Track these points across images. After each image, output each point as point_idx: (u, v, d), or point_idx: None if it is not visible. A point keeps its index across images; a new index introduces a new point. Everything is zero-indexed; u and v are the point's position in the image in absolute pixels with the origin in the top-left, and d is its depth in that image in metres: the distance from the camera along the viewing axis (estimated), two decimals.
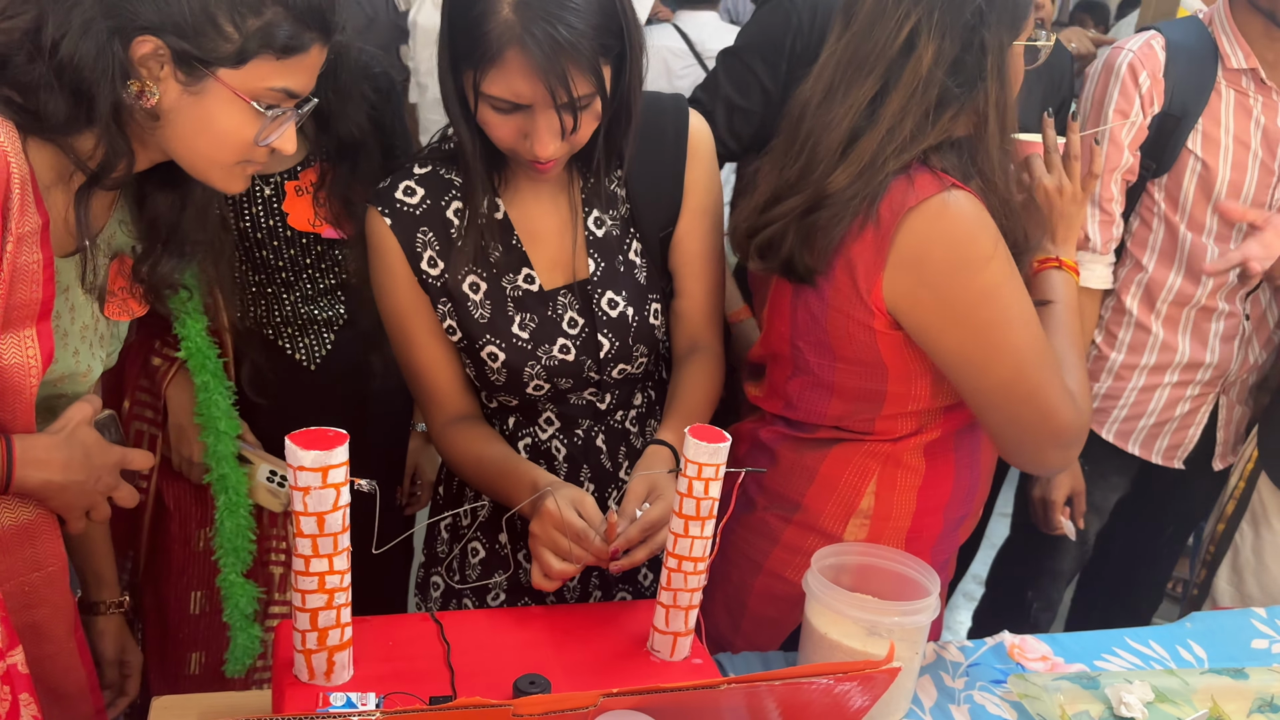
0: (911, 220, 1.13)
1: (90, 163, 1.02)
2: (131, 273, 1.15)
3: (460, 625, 1.15)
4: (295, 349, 1.54)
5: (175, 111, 1.01)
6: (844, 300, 1.20)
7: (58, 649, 1.12)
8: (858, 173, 1.16)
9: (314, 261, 1.50)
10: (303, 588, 0.95)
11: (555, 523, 1.14)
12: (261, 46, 1.00)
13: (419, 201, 1.27)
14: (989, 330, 1.16)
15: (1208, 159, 1.74)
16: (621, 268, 1.31)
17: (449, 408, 1.35)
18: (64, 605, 1.12)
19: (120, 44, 0.96)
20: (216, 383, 1.40)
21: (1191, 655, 1.37)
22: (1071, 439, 1.21)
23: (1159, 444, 1.92)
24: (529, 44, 1.08)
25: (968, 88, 1.16)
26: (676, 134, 1.31)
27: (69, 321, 1.10)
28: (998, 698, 1.25)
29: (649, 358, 1.35)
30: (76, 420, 1.08)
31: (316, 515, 0.91)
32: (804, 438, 1.31)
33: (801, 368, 1.28)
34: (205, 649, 1.58)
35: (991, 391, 1.19)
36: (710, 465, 1.05)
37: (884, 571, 1.22)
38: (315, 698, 0.97)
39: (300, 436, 0.90)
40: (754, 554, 1.33)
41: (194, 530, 1.57)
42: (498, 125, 1.16)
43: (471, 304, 1.29)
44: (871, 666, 0.88)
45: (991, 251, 1.15)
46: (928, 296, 1.16)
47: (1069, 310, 1.30)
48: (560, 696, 0.84)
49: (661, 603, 1.11)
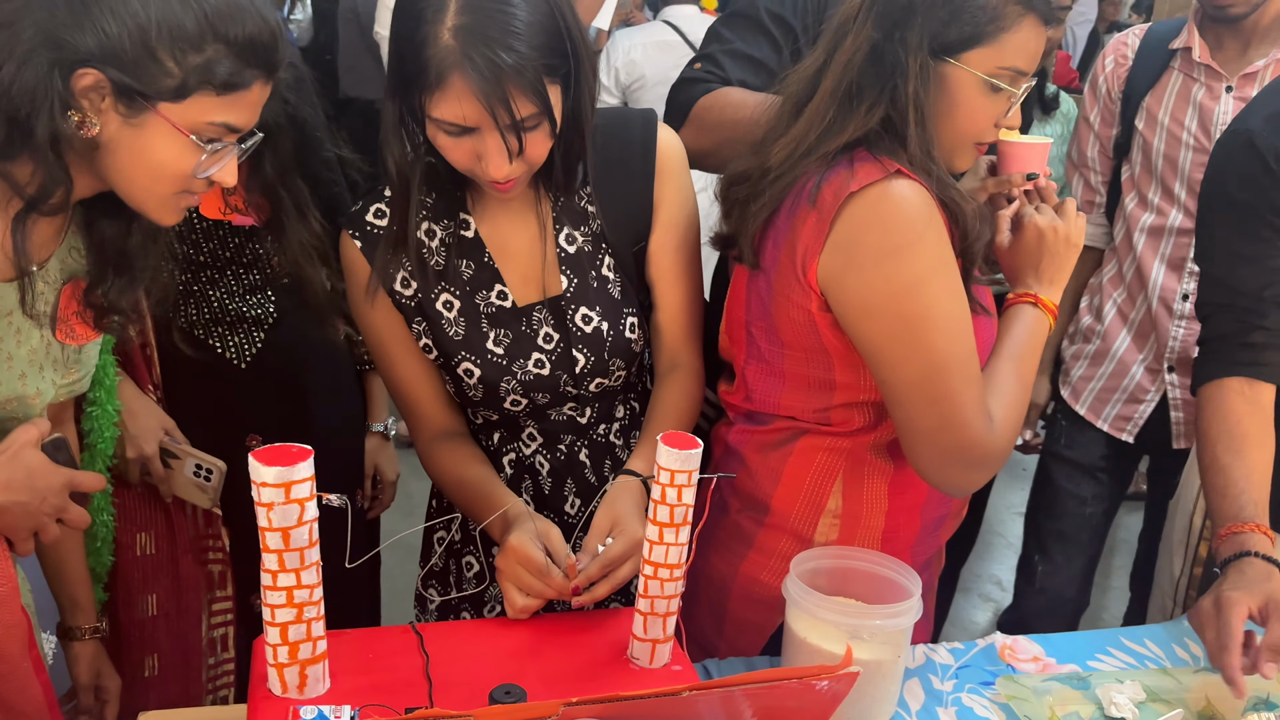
0: (852, 205, 1.13)
1: (27, 189, 1.03)
2: (84, 297, 1.16)
3: (442, 636, 1.15)
4: (225, 348, 1.56)
5: (115, 142, 1.02)
6: (785, 283, 1.20)
7: (11, 668, 1.12)
8: (789, 152, 1.18)
9: (234, 255, 1.51)
10: (271, 602, 0.96)
11: (519, 558, 1.15)
12: (202, 82, 1.01)
13: (388, 224, 1.29)
14: (907, 324, 1.14)
15: (1147, 134, 1.91)
16: (595, 283, 1.31)
17: (432, 424, 1.36)
18: (16, 625, 1.12)
19: (60, 76, 0.97)
20: (108, 397, 1.41)
21: (1187, 654, 1.35)
22: (978, 459, 1.17)
23: (1107, 411, 2.01)
24: (469, 68, 1.09)
25: (883, 81, 1.14)
26: (645, 149, 1.32)
27: (14, 345, 1.12)
28: (986, 700, 1.24)
29: (627, 371, 1.35)
30: (21, 442, 1.09)
31: (281, 530, 0.92)
32: (766, 436, 1.30)
33: (755, 354, 1.29)
34: (158, 651, 1.59)
35: (900, 386, 1.17)
36: (683, 472, 1.05)
37: (864, 574, 1.22)
38: (285, 711, 0.98)
39: (263, 453, 0.91)
40: (731, 558, 1.33)
41: (135, 534, 1.58)
42: (451, 148, 1.17)
43: (446, 322, 1.30)
44: (828, 671, 0.87)
45: (925, 243, 1.13)
46: (853, 280, 1.15)
47: (1027, 344, 1.24)
48: (522, 706, 0.85)
49: (640, 610, 1.11)
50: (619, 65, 3.38)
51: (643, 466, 1.25)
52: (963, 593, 3.10)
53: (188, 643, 1.61)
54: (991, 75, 1.16)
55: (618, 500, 1.21)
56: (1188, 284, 1.88)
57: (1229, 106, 1.82)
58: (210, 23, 1.00)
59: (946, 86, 1.16)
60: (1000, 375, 1.22)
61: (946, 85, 1.16)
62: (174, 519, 1.59)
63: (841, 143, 1.16)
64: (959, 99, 1.17)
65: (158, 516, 1.59)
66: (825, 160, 1.16)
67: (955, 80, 1.16)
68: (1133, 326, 1.97)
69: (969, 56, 1.15)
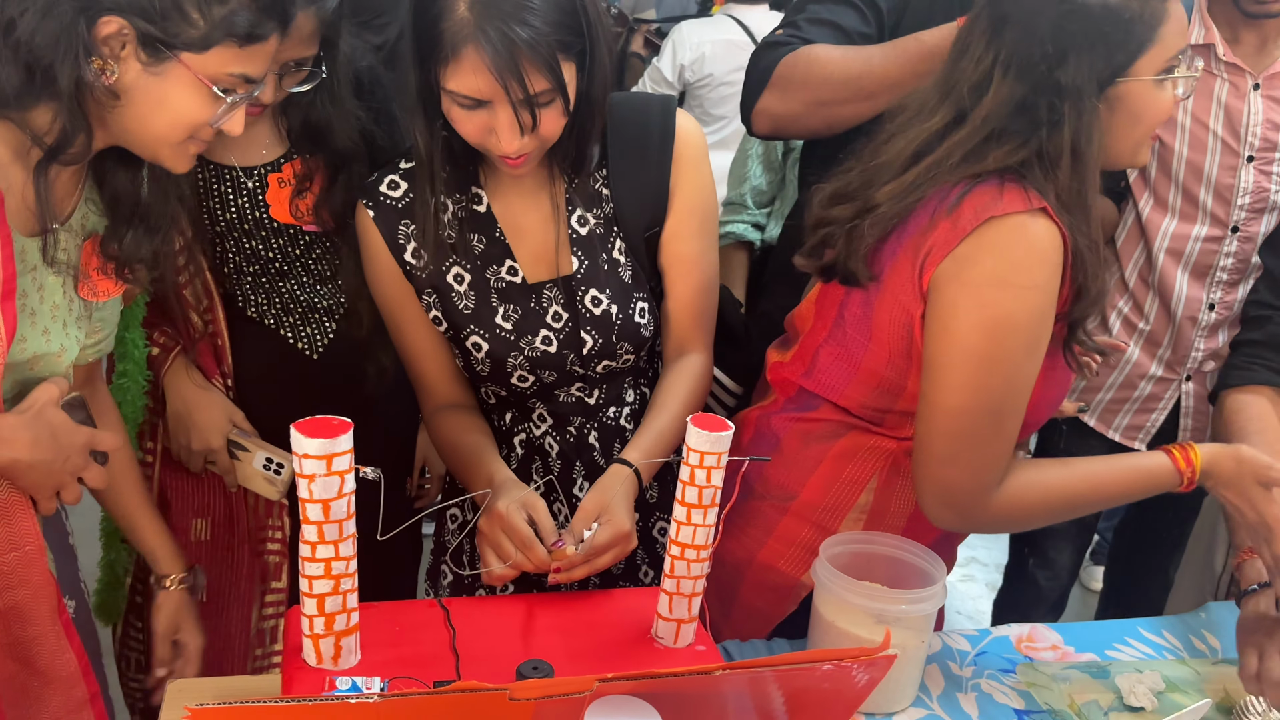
0: (990, 227, 1.11)
1: (46, 138, 1.04)
2: (101, 249, 1.17)
3: (466, 611, 1.16)
4: (298, 338, 1.56)
5: (134, 90, 1.04)
6: (898, 281, 1.19)
7: (41, 630, 1.13)
8: (900, 191, 1.16)
9: (304, 252, 1.51)
10: (310, 574, 0.97)
11: (504, 525, 1.16)
12: (225, 34, 1.03)
13: (402, 195, 1.30)
14: (974, 356, 1.13)
15: (1164, 136, 1.76)
16: (605, 266, 1.32)
17: (438, 395, 1.38)
18: (44, 585, 1.13)
19: (85, 23, 0.99)
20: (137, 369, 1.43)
21: (1205, 645, 1.36)
22: (962, 507, 1.17)
23: (1118, 421, 1.94)
24: (483, 41, 1.10)
25: (1033, 128, 1.12)
26: (663, 135, 1.31)
27: (37, 301, 1.12)
28: (1006, 686, 1.25)
29: (636, 355, 1.36)
30: (43, 400, 1.10)
31: (322, 502, 0.93)
32: (811, 426, 1.30)
33: (838, 336, 1.27)
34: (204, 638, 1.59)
35: (934, 405, 1.16)
36: (712, 454, 1.06)
37: (886, 559, 1.23)
38: (322, 682, 0.99)
39: (305, 425, 0.91)
40: (748, 543, 1.33)
41: (190, 519, 1.59)
42: (463, 120, 1.18)
43: (456, 295, 1.31)
44: (868, 654, 0.88)
45: (1032, 292, 1.12)
46: (952, 293, 1.14)
47: (1121, 473, 1.20)
48: (556, 681, 0.85)
49: (665, 590, 1.12)
50: (685, 61, 3.25)
51: (637, 456, 1.25)
52: (969, 581, 3.12)
53: (233, 631, 1.61)
54: (1162, 71, 1.14)
55: (608, 488, 1.21)
56: (1214, 293, 1.81)
57: (1258, 106, 1.74)
58: None
59: (1122, 104, 1.14)
60: (1067, 469, 1.20)
61: (1124, 104, 1.14)
62: (234, 508, 1.59)
63: (981, 170, 1.13)
64: (1139, 109, 1.15)
65: (217, 503, 1.59)
66: (972, 178, 1.14)
67: (1130, 94, 1.14)
68: (1142, 336, 1.89)
69: (1137, 67, 1.13)
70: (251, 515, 1.60)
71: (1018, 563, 2.24)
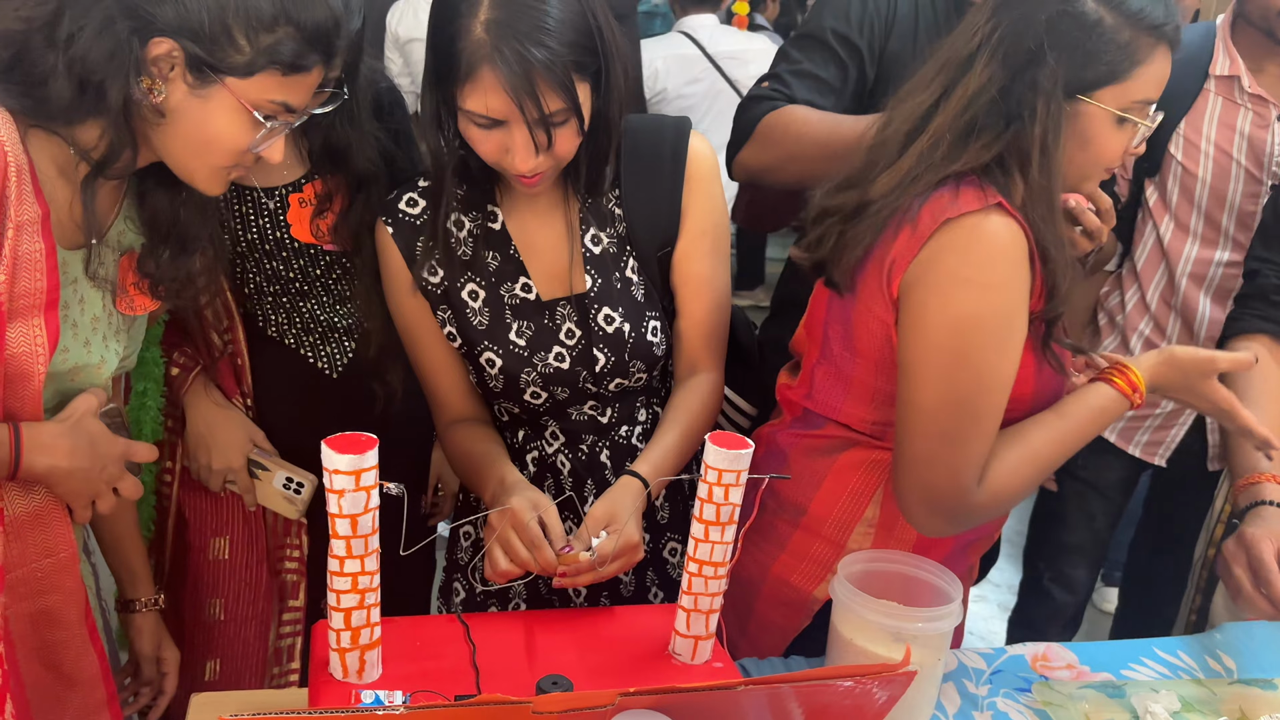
0: (948, 229, 1.14)
1: (93, 153, 1.07)
2: (138, 267, 1.19)
3: (485, 627, 1.17)
4: (318, 358, 1.57)
5: (179, 111, 1.07)
6: (870, 294, 1.21)
7: (70, 635, 1.15)
8: (894, 184, 1.18)
9: (324, 272, 1.53)
10: (338, 588, 0.98)
11: (515, 524, 1.17)
12: (270, 62, 1.06)
13: (420, 212, 1.33)
14: (945, 354, 1.15)
15: (1187, 163, 1.79)
16: (618, 284, 1.33)
17: (452, 410, 1.40)
18: (75, 591, 1.15)
19: (138, 42, 1.02)
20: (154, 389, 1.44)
21: (1221, 666, 1.36)
22: (947, 509, 1.18)
23: (1138, 437, 1.96)
24: (499, 61, 1.12)
25: (1008, 120, 1.14)
26: (675, 155, 1.33)
27: (79, 313, 1.15)
28: (1022, 705, 1.25)
29: (648, 373, 1.37)
30: (82, 410, 1.12)
31: (350, 517, 0.94)
32: (815, 441, 1.32)
33: (827, 355, 1.30)
34: (221, 656, 1.60)
35: (911, 407, 1.18)
36: (731, 471, 1.07)
37: (901, 577, 1.23)
38: (348, 695, 1.01)
39: (335, 441, 0.93)
40: (762, 558, 1.34)
41: (209, 538, 1.59)
42: (480, 140, 1.20)
43: (470, 311, 1.33)
44: (889, 670, 0.89)
45: (997, 288, 1.13)
46: (920, 295, 1.16)
47: (1083, 423, 1.22)
48: (579, 695, 0.86)
49: (683, 606, 1.13)
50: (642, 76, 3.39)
51: (647, 470, 1.27)
52: (980, 601, 3.11)
53: (251, 649, 1.61)
54: (1124, 110, 1.16)
55: (618, 499, 1.22)
56: None
57: None
58: (284, 6, 1.05)
59: (1078, 123, 1.16)
60: (1026, 441, 1.21)
61: (1078, 122, 1.16)
62: (254, 527, 1.60)
63: (951, 172, 1.16)
64: (1090, 134, 1.17)
65: (236, 522, 1.60)
66: (931, 185, 1.16)
67: (1087, 116, 1.16)
68: None
69: (1102, 94, 1.15)
70: (270, 534, 1.61)
71: (1032, 577, 2.24)
